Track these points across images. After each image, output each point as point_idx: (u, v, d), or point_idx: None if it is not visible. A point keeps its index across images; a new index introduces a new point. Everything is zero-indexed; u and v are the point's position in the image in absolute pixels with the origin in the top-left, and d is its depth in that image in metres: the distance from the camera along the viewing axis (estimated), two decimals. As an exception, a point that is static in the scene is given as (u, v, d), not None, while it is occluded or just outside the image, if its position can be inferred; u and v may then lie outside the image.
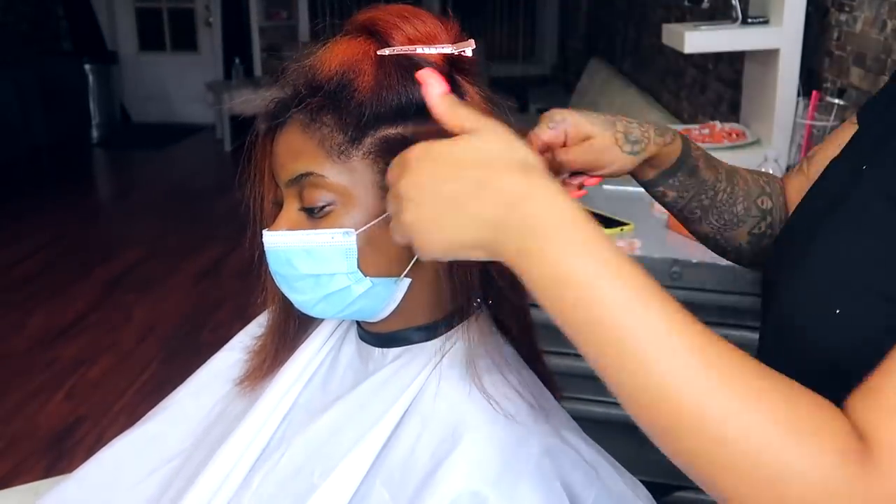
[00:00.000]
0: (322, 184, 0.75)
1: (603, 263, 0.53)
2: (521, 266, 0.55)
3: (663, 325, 0.51)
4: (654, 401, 0.51)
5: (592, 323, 0.53)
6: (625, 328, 0.51)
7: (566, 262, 0.53)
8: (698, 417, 0.50)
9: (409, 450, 0.77)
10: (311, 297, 0.79)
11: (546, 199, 0.54)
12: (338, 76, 0.74)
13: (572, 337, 0.54)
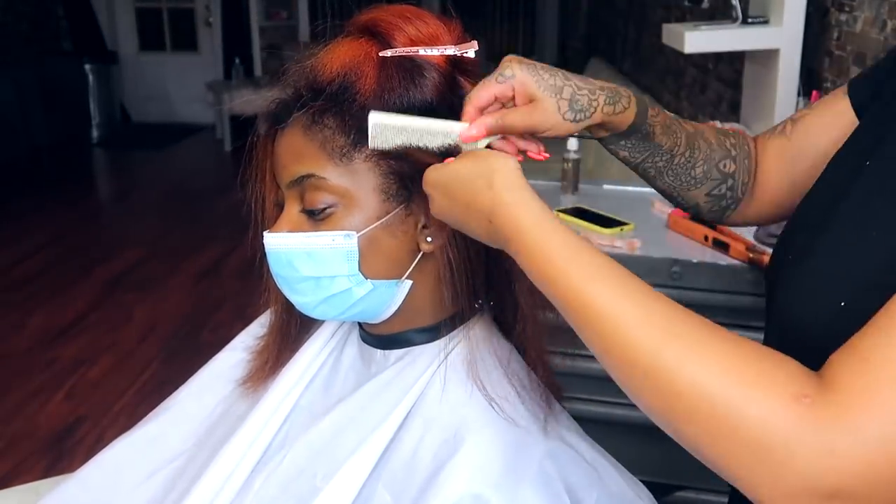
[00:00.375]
0: (323, 186, 0.75)
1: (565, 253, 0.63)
2: (518, 261, 0.66)
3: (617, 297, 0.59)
4: (618, 359, 0.58)
5: (570, 306, 0.61)
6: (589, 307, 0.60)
7: (537, 261, 0.63)
8: (654, 374, 0.55)
9: (412, 452, 0.76)
10: (312, 299, 0.79)
11: (504, 207, 0.65)
12: (339, 78, 0.73)
13: (568, 321, 0.63)
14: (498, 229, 0.65)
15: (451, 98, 0.76)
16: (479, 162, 0.67)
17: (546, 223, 0.64)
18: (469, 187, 0.67)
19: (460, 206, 0.67)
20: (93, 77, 6.74)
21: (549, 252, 0.63)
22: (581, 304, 0.60)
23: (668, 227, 1.89)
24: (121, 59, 7.35)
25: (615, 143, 0.82)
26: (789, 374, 0.53)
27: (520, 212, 0.64)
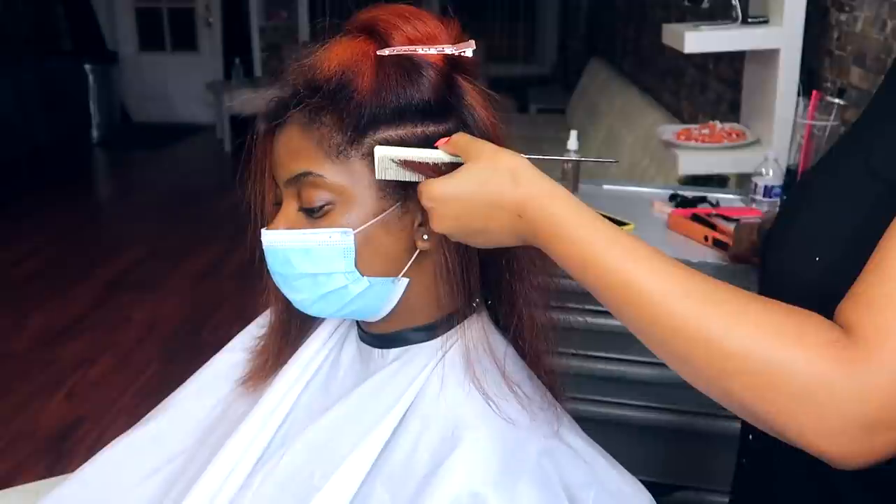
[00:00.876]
0: (320, 183, 0.75)
1: (599, 239, 0.65)
2: (550, 250, 0.67)
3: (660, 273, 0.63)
4: (663, 330, 0.62)
5: (610, 286, 0.64)
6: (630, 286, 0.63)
7: (573, 248, 0.65)
8: (703, 340, 0.60)
9: (410, 450, 0.77)
10: (309, 296, 0.79)
11: (535, 200, 0.67)
12: (337, 76, 0.73)
13: (606, 305, 0.65)
14: (529, 223, 0.67)
15: (448, 97, 0.76)
16: (493, 163, 0.68)
17: (580, 210, 0.66)
18: (490, 188, 0.68)
19: (480, 208, 0.68)
20: (93, 77, 6.74)
21: (587, 236, 0.65)
22: (623, 282, 0.63)
23: (668, 227, 1.89)
24: (121, 59, 7.35)
25: None
26: (818, 326, 0.58)
27: (553, 202, 0.66)
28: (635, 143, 3.60)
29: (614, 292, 0.64)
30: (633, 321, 0.64)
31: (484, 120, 0.78)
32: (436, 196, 0.69)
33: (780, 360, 0.57)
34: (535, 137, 5.25)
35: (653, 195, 2.16)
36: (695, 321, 0.60)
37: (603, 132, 4.38)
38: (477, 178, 0.68)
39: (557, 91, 7.16)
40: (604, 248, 0.64)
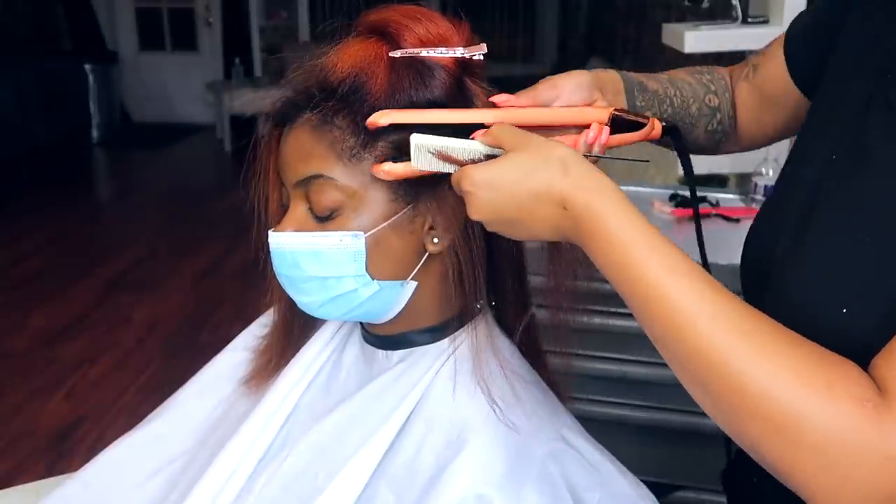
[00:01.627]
0: (332, 186, 0.74)
1: (642, 246, 0.62)
2: (588, 248, 0.64)
3: (694, 292, 0.59)
4: (689, 352, 0.59)
5: (644, 295, 0.61)
6: (663, 300, 0.60)
7: (614, 249, 0.62)
8: (724, 370, 0.56)
9: (414, 452, 0.76)
10: (317, 299, 0.78)
11: (586, 193, 0.64)
12: (350, 78, 0.73)
13: (636, 314, 0.63)
14: (572, 216, 0.64)
15: (459, 99, 0.76)
16: (543, 151, 0.66)
17: (628, 211, 0.64)
18: (539, 177, 0.64)
19: (525, 197, 0.65)
20: (93, 77, 6.74)
21: (629, 240, 0.62)
22: (657, 295, 0.60)
23: (669, 226, 1.89)
24: (121, 59, 7.35)
25: (634, 105, 0.87)
26: (850, 378, 0.54)
27: (601, 198, 0.63)
28: (635, 143, 3.59)
29: (646, 303, 0.61)
30: (659, 336, 0.61)
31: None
32: (479, 181, 0.66)
33: (802, 408, 0.53)
34: (535, 137, 5.25)
35: (653, 195, 2.16)
36: (717, 347, 0.57)
37: (603, 132, 4.37)
38: (526, 167, 0.65)
39: (557, 91, 7.16)
40: (643, 256, 0.61)
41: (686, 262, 0.62)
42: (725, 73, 0.98)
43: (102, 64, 6.91)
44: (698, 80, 0.94)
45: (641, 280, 0.61)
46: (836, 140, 0.72)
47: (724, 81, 0.95)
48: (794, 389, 0.53)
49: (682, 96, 0.89)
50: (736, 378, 0.55)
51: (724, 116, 0.93)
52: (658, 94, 0.87)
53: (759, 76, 0.92)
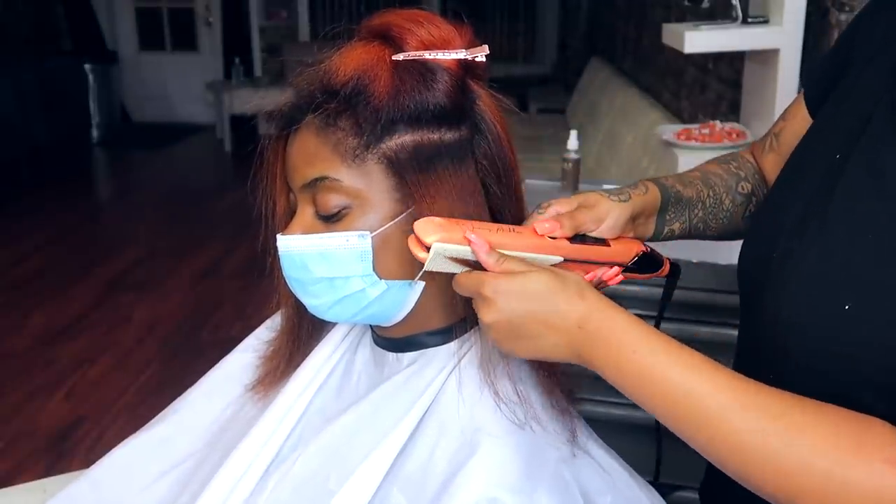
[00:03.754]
0: (337, 188, 0.75)
1: (661, 352, 0.65)
2: (605, 363, 0.67)
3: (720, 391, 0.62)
4: (724, 445, 0.62)
5: (670, 399, 0.64)
6: (690, 397, 0.63)
7: (634, 359, 0.65)
8: (762, 457, 0.60)
9: (427, 456, 0.76)
10: (326, 301, 0.79)
11: (602, 312, 0.67)
12: (353, 81, 0.73)
13: (661, 418, 0.65)
14: (589, 334, 0.67)
15: (462, 101, 0.76)
16: (561, 275, 0.69)
17: (642, 324, 0.67)
18: (559, 297, 0.67)
19: (544, 314, 0.68)
20: (93, 77, 6.74)
21: (648, 349, 0.65)
22: (683, 395, 0.63)
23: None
24: (121, 59, 7.35)
25: (665, 222, 0.89)
26: (881, 438, 0.58)
27: (617, 317, 0.67)
28: (635, 143, 3.60)
29: (674, 407, 0.63)
30: (693, 436, 0.63)
31: (496, 125, 0.78)
32: (502, 290, 0.68)
33: (841, 476, 0.56)
34: (535, 137, 5.25)
35: (653, 195, 2.16)
36: (753, 437, 0.60)
37: (603, 132, 4.38)
38: (547, 285, 0.68)
39: (557, 91, 7.16)
40: (664, 361, 0.64)
41: (705, 360, 0.64)
42: (749, 155, 1.01)
43: (102, 64, 6.91)
44: (727, 169, 0.96)
45: (665, 384, 0.64)
46: (840, 142, 0.73)
47: (750, 164, 0.98)
48: (828, 461, 0.57)
49: (714, 194, 0.92)
50: (776, 464, 0.59)
51: (759, 199, 0.95)
52: (691, 200, 0.90)
53: (783, 142, 0.93)
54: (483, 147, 0.77)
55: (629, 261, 0.82)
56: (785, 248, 0.73)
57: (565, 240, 0.76)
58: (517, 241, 0.72)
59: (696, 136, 2.33)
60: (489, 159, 0.78)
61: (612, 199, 0.81)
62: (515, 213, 0.82)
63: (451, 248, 0.69)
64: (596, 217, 0.79)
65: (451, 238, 0.69)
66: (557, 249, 0.75)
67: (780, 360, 0.73)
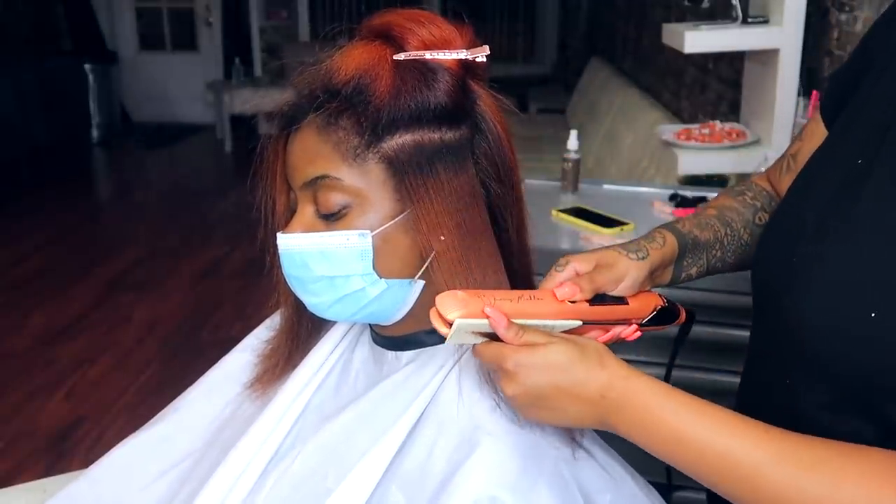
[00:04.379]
0: (337, 186, 0.75)
1: (686, 412, 0.65)
2: (633, 428, 0.68)
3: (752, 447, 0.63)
4: (765, 500, 0.62)
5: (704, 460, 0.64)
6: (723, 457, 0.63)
7: (662, 422, 0.66)
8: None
9: (426, 454, 0.76)
10: (326, 300, 0.79)
11: (624, 380, 0.68)
12: (355, 80, 0.74)
13: (696, 477, 0.65)
14: (614, 402, 0.68)
15: (463, 101, 0.76)
16: (581, 345, 0.70)
17: (665, 387, 0.67)
18: (580, 367, 0.68)
19: (567, 385, 0.68)
20: (93, 77, 6.74)
21: (675, 410, 0.66)
22: (716, 453, 0.63)
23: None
24: (121, 59, 7.35)
25: (682, 270, 0.89)
26: None
27: (639, 382, 0.67)
28: (635, 143, 3.60)
29: (709, 466, 0.64)
30: (730, 492, 0.64)
31: (496, 125, 0.78)
32: (524, 363, 0.68)
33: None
34: (535, 137, 5.26)
35: (653, 195, 2.16)
36: (790, 490, 0.60)
37: (603, 132, 4.38)
38: (568, 356, 0.68)
39: (557, 91, 7.16)
40: (693, 421, 0.65)
41: (730, 415, 0.65)
42: (763, 182, 0.99)
43: (102, 64, 6.91)
44: (742, 202, 0.95)
45: (695, 445, 0.64)
46: (861, 148, 0.72)
47: (765, 193, 0.97)
48: (878, 493, 0.58)
49: (732, 231, 0.92)
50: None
51: None
52: (708, 242, 0.90)
53: (800, 162, 0.91)
54: (483, 147, 0.78)
55: (647, 316, 0.82)
56: (806, 252, 0.73)
57: (585, 302, 0.76)
58: (537, 308, 0.72)
59: (696, 136, 2.33)
60: (489, 159, 0.78)
61: (630, 256, 0.81)
62: (516, 214, 0.82)
63: (472, 322, 0.69)
64: (615, 277, 0.79)
65: (472, 313, 0.69)
66: (577, 314, 0.75)
67: (800, 364, 0.72)
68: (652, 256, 0.82)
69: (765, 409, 0.77)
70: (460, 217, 0.75)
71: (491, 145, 0.78)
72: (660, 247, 0.85)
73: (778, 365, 0.76)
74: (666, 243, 0.85)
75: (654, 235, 0.86)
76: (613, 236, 1.81)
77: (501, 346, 0.69)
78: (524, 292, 0.73)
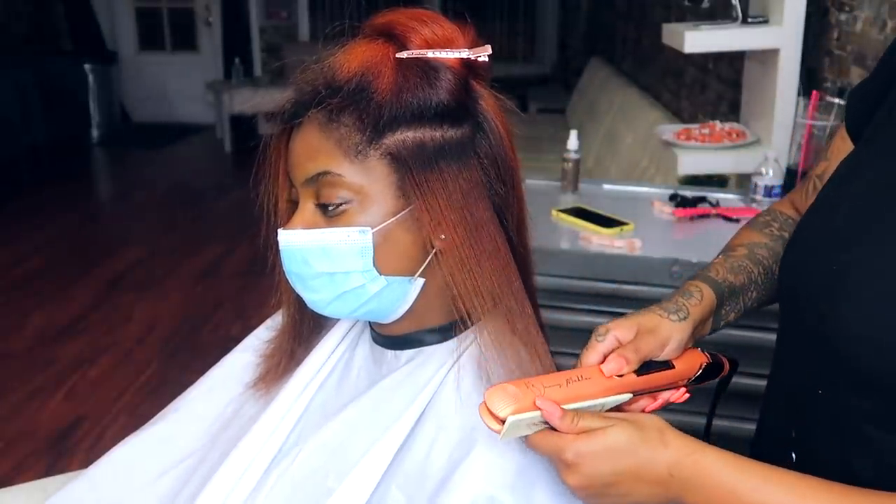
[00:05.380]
0: (339, 183, 0.75)
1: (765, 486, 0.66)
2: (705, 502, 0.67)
3: None
4: None
5: None
6: None
7: (736, 498, 0.66)
8: None
9: (425, 453, 0.77)
10: (326, 296, 0.79)
11: (690, 456, 0.67)
12: (357, 77, 0.74)
13: None
14: (681, 480, 0.67)
15: (465, 99, 0.76)
16: (639, 424, 0.69)
17: (732, 460, 0.67)
18: (642, 449, 0.68)
19: (630, 469, 0.68)
20: (93, 77, 6.74)
21: (747, 487, 0.66)
22: None
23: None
24: (121, 59, 7.35)
25: (722, 318, 0.88)
26: None
27: (704, 455, 0.67)
28: (635, 143, 3.60)
29: None
30: None
31: (499, 125, 0.79)
32: (584, 453, 0.67)
33: None
34: (535, 137, 5.25)
35: (653, 195, 2.17)
36: None
37: (603, 132, 4.38)
38: (629, 438, 0.68)
39: (557, 91, 7.16)
40: (767, 493, 0.65)
41: (801, 478, 0.66)
42: (788, 208, 0.98)
43: (102, 64, 6.91)
44: (770, 234, 0.94)
45: None
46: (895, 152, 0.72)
47: (791, 220, 0.96)
48: None
49: (764, 269, 0.91)
50: None
51: None
52: (743, 286, 0.89)
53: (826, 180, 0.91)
54: (484, 146, 0.78)
55: (693, 376, 0.81)
56: (845, 259, 0.72)
57: (632, 373, 0.75)
58: (587, 389, 0.72)
59: (696, 136, 2.33)
60: (490, 158, 0.78)
61: (671, 318, 0.79)
62: (517, 213, 0.82)
63: (525, 417, 0.68)
64: (659, 343, 0.78)
65: (524, 407, 0.68)
66: (626, 387, 0.74)
67: (839, 373, 0.72)
68: (692, 315, 0.81)
69: (798, 417, 0.77)
70: (464, 214, 0.75)
71: (492, 144, 0.78)
72: (698, 302, 0.83)
73: (814, 373, 0.75)
74: (704, 297, 0.84)
75: (690, 290, 0.84)
76: (613, 236, 1.81)
77: (558, 437, 0.68)
78: (570, 373, 0.72)
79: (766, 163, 2.02)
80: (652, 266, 1.70)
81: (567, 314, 1.75)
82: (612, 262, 1.73)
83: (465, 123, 0.76)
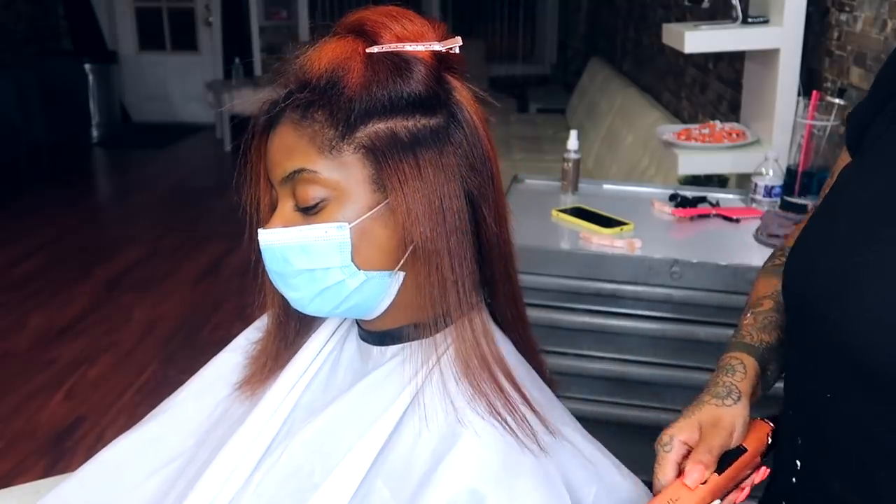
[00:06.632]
0: (315, 179, 0.76)
1: None
2: None
3: None
4: None
5: None
6: None
7: None
8: None
9: (410, 448, 0.77)
10: (307, 294, 0.79)
11: None
12: (327, 73, 0.75)
13: None
14: None
15: (437, 90, 0.77)
16: None
17: None
18: None
19: None
20: (93, 77, 6.74)
21: None
22: None
23: (668, 227, 1.89)
24: (121, 59, 7.35)
25: (767, 381, 0.86)
26: None
27: None
28: (635, 143, 3.60)
29: None
30: None
31: (473, 116, 0.79)
32: None
33: None
34: (535, 137, 5.26)
35: (653, 195, 2.16)
36: None
37: (603, 132, 4.38)
38: None
39: (557, 91, 7.16)
40: None
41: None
42: None
43: (102, 64, 6.91)
44: None
45: None
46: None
47: None
48: None
49: None
50: None
51: None
52: (780, 340, 0.87)
53: None
54: (459, 136, 0.78)
55: (765, 447, 0.80)
56: (854, 261, 0.70)
57: (713, 474, 0.74)
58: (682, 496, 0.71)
59: (696, 136, 2.33)
60: (465, 148, 0.78)
61: (727, 404, 0.78)
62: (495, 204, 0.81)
63: None
64: (727, 434, 0.77)
65: None
66: (714, 492, 0.74)
67: (850, 377, 0.71)
68: (744, 391, 0.80)
69: (805, 424, 0.77)
70: (438, 204, 0.76)
71: (467, 134, 0.78)
72: (743, 377, 0.82)
73: (825, 377, 0.74)
74: (747, 369, 0.83)
75: (732, 365, 0.83)
76: (613, 236, 1.81)
77: None
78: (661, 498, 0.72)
79: (767, 163, 2.02)
80: (652, 266, 1.70)
81: (567, 314, 1.75)
82: (612, 262, 1.73)
83: (439, 113, 0.77)
